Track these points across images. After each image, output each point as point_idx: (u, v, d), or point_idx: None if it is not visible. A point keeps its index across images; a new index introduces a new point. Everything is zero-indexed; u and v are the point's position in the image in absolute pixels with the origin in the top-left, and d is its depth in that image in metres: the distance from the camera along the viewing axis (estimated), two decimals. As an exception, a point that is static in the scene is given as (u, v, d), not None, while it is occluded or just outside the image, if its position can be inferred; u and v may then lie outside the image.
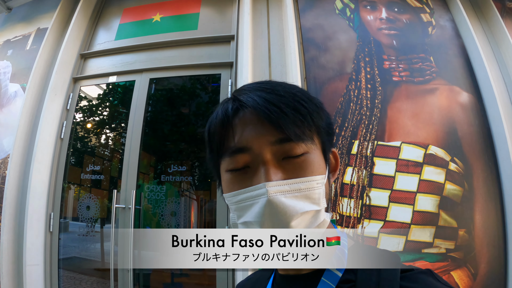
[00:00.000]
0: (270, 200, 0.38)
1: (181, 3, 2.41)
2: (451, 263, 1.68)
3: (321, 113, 0.45)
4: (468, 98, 1.96)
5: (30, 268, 2.04)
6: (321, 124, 0.44)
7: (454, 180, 1.79)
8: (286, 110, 0.40)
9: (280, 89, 0.43)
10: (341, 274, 0.43)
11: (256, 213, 0.39)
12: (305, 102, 0.42)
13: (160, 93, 2.32)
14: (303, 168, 0.41)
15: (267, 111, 0.40)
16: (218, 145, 0.44)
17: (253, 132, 0.41)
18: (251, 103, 0.41)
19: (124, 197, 2.03)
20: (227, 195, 0.44)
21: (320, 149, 0.44)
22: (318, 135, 0.44)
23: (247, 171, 0.42)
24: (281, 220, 0.38)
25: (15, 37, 2.81)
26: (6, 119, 2.49)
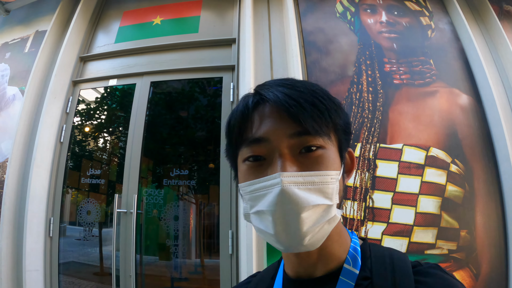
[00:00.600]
0: (283, 190, 0.39)
1: (181, 6, 2.39)
2: (454, 264, 1.69)
3: (339, 111, 0.46)
4: (467, 100, 1.98)
5: (29, 274, 2.01)
6: (339, 122, 0.45)
7: (455, 181, 1.80)
8: (305, 105, 0.41)
9: (300, 85, 0.45)
10: (358, 272, 0.44)
11: (269, 202, 0.40)
12: (324, 99, 0.44)
13: (158, 96, 2.31)
14: (318, 162, 0.42)
15: (286, 104, 0.41)
16: (237, 136, 0.45)
17: (272, 124, 0.42)
18: (271, 97, 0.43)
19: (125, 201, 2.01)
20: (242, 184, 0.45)
21: (336, 146, 0.45)
22: (335, 132, 0.45)
23: (263, 163, 0.43)
24: (293, 210, 0.39)
25: (13, 40, 2.78)
26: (4, 122, 2.46)
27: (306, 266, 0.46)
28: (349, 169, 0.51)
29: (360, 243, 0.49)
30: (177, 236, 2.05)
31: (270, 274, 0.54)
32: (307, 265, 0.46)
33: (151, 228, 2.13)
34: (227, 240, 1.79)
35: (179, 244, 2.04)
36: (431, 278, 0.41)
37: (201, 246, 2.09)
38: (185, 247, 2.07)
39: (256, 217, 0.43)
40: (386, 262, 0.44)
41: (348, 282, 0.43)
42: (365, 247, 0.48)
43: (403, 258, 0.45)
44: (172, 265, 2.08)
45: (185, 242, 2.07)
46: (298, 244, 0.41)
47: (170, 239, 2.05)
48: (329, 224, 0.42)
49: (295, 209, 0.39)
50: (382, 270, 0.43)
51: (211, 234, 2.08)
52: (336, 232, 0.46)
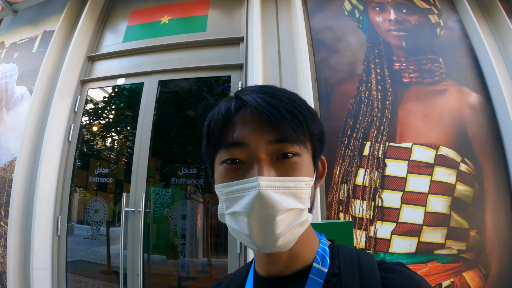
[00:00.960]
0: (260, 193, 0.40)
1: (189, 5, 2.40)
2: (463, 264, 1.68)
3: (315, 121, 0.48)
4: (477, 99, 1.96)
5: (37, 272, 2.02)
6: (315, 131, 0.47)
7: (465, 181, 1.79)
8: (285, 114, 0.43)
9: (281, 94, 0.46)
10: (327, 270, 0.46)
11: (245, 204, 0.41)
12: (302, 109, 0.45)
13: (166, 95, 2.32)
14: (294, 169, 0.44)
15: (267, 112, 0.43)
16: (217, 138, 0.46)
17: (252, 130, 0.44)
18: (253, 103, 0.44)
19: (133, 200, 2.01)
20: (219, 185, 0.46)
21: (310, 154, 0.47)
22: (310, 141, 0.47)
23: (241, 166, 0.44)
24: (269, 213, 0.40)
25: (21, 40, 2.80)
26: (12, 121, 2.48)
27: (276, 266, 0.48)
28: (320, 175, 0.53)
29: (328, 244, 0.51)
30: (185, 235, 2.05)
31: (241, 274, 0.56)
32: (277, 264, 0.48)
33: (159, 227, 2.13)
34: (235, 239, 1.79)
35: (186, 243, 2.04)
36: (396, 274, 0.44)
37: (208, 245, 2.09)
38: (192, 246, 2.07)
39: (231, 218, 0.44)
40: (354, 260, 0.47)
41: (317, 280, 0.45)
42: (333, 247, 0.51)
43: (369, 257, 0.48)
44: (179, 264, 2.08)
45: (192, 241, 2.07)
46: (271, 245, 0.42)
47: (178, 238, 2.05)
48: (301, 227, 0.44)
49: (270, 212, 0.40)
50: (349, 267, 0.46)
51: (218, 234, 2.08)
52: (305, 233, 0.47)
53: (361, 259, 0.47)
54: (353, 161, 1.79)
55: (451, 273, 1.67)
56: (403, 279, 0.43)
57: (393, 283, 0.42)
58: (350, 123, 1.83)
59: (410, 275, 0.43)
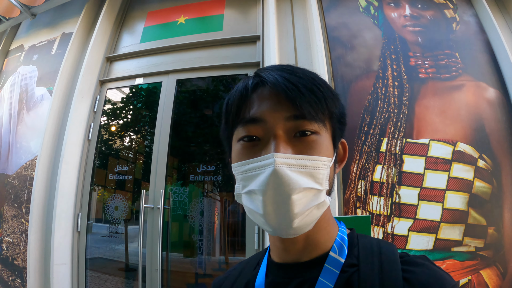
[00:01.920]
0: (276, 170, 0.38)
1: (205, 5, 2.42)
2: (481, 261, 1.66)
3: (335, 100, 0.46)
4: (495, 94, 1.93)
5: (57, 267, 2.08)
6: (334, 110, 0.46)
7: (483, 177, 1.77)
8: (303, 90, 0.42)
9: (300, 71, 0.45)
10: (343, 260, 0.44)
11: (260, 182, 0.40)
12: (321, 87, 0.44)
13: (183, 95, 2.35)
14: (312, 147, 0.42)
15: (285, 87, 0.42)
16: (234, 115, 0.45)
17: (269, 106, 0.43)
18: (271, 79, 0.43)
19: (152, 197, 2.05)
20: (236, 164, 0.44)
21: (330, 134, 0.46)
22: (330, 120, 0.46)
23: (257, 143, 0.43)
24: (284, 191, 0.39)
25: (40, 42, 2.88)
26: (33, 121, 2.55)
27: (292, 253, 0.46)
28: (341, 159, 0.51)
29: (347, 232, 0.49)
30: (202, 232, 2.07)
31: (256, 260, 0.55)
32: (293, 251, 0.46)
33: (177, 224, 2.16)
34: (253, 235, 1.81)
35: (203, 241, 2.07)
36: (419, 268, 0.41)
37: (225, 243, 2.11)
38: (210, 244, 2.09)
39: (247, 197, 0.43)
40: (374, 250, 0.44)
41: (333, 270, 0.43)
42: (353, 236, 0.48)
43: (391, 247, 0.45)
44: (196, 261, 2.11)
45: (210, 239, 2.10)
46: (286, 226, 0.40)
47: (195, 235, 2.08)
48: (318, 209, 0.42)
49: (286, 191, 0.39)
50: (369, 257, 0.43)
51: (235, 232, 2.09)
52: (324, 219, 0.46)
53: (382, 249, 0.44)
54: (370, 158, 1.79)
55: (469, 270, 1.65)
56: (426, 273, 0.40)
57: (415, 278, 0.40)
58: (367, 119, 1.83)
59: (434, 270, 0.41)
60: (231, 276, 0.56)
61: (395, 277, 0.40)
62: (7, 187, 2.53)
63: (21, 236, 2.32)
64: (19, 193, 2.43)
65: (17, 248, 2.31)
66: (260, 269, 0.51)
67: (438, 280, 0.39)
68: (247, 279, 0.51)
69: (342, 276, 0.42)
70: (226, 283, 0.55)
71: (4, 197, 2.53)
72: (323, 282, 0.42)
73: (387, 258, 0.43)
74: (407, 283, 0.39)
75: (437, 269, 0.41)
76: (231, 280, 0.55)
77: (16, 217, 2.39)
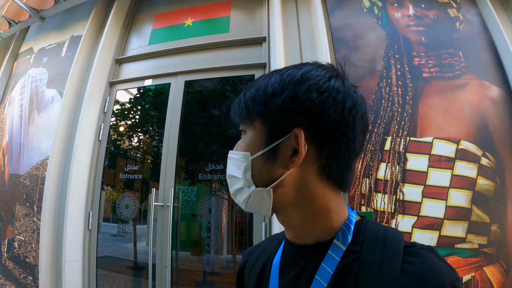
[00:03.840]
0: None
1: (211, 7, 2.46)
2: (484, 258, 1.67)
3: (263, 100, 0.48)
4: (498, 93, 1.95)
5: (69, 264, 2.12)
6: (258, 109, 0.49)
7: (486, 175, 1.78)
8: (235, 103, 0.54)
9: (255, 84, 0.52)
10: (345, 248, 0.46)
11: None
12: (249, 94, 0.51)
13: (190, 95, 2.39)
14: (242, 144, 0.52)
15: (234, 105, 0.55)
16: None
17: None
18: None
19: (162, 195, 2.09)
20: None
21: (261, 131, 0.48)
22: (262, 117, 0.48)
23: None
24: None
25: (50, 45, 2.93)
26: (44, 123, 2.60)
27: (294, 235, 0.52)
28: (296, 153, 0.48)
29: (357, 219, 0.50)
30: (210, 231, 2.11)
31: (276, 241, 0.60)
32: (294, 234, 0.52)
33: (186, 223, 2.19)
34: (261, 232, 1.85)
35: (211, 240, 2.10)
36: (420, 259, 0.41)
37: (233, 241, 2.15)
38: (217, 243, 2.12)
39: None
40: (379, 238, 0.45)
41: (334, 257, 0.45)
42: (361, 223, 0.49)
43: (397, 236, 0.46)
44: (204, 259, 2.14)
45: (218, 238, 2.13)
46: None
47: (203, 234, 2.11)
48: (242, 194, 0.50)
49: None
50: (373, 245, 0.44)
51: (243, 231, 2.13)
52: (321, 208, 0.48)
53: (387, 238, 0.45)
54: (375, 156, 1.82)
55: (472, 267, 1.66)
56: (426, 265, 0.40)
57: (413, 269, 0.40)
58: (371, 118, 1.86)
59: (434, 262, 0.40)
60: (260, 248, 0.63)
61: (394, 267, 0.40)
62: (18, 187, 2.59)
63: (33, 234, 2.37)
64: (30, 193, 2.48)
65: (29, 246, 2.36)
66: (280, 247, 0.56)
67: (435, 274, 0.39)
68: (269, 254, 0.58)
69: (343, 261, 0.44)
70: (255, 253, 0.62)
71: (16, 197, 2.58)
72: (324, 268, 0.45)
73: (390, 247, 0.43)
74: (404, 273, 0.40)
75: (438, 261, 0.41)
76: (259, 252, 0.62)
77: (28, 216, 2.44)
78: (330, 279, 0.44)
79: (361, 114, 0.49)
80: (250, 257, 0.63)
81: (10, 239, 2.53)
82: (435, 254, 0.43)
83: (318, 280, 0.45)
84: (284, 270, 0.51)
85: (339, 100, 0.46)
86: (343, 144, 0.46)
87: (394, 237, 0.45)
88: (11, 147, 2.78)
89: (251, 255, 0.63)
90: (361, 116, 0.49)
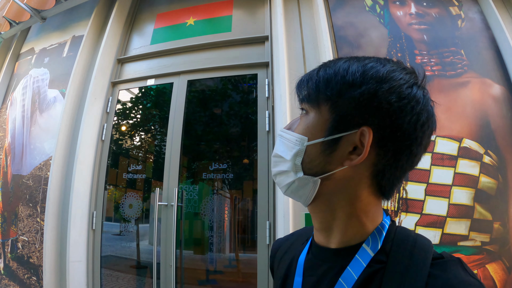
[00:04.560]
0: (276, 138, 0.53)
1: (213, 6, 2.45)
2: (486, 256, 1.68)
3: (332, 84, 0.46)
4: (500, 91, 1.95)
5: (73, 264, 2.12)
6: (331, 93, 0.45)
7: (489, 173, 1.79)
8: (304, 78, 0.51)
9: (332, 66, 0.49)
10: (373, 254, 0.44)
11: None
12: (325, 75, 0.47)
13: (192, 94, 2.39)
14: (299, 123, 0.50)
15: (300, 79, 0.52)
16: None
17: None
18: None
19: (166, 195, 2.10)
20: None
21: (326, 117, 0.46)
22: (328, 101, 0.46)
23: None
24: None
25: (51, 45, 2.93)
26: (46, 123, 2.60)
27: (321, 237, 0.50)
28: (357, 151, 0.46)
29: (389, 224, 0.48)
30: (213, 230, 2.11)
31: (303, 238, 0.60)
32: (322, 235, 0.50)
33: (188, 222, 2.20)
34: (265, 230, 1.86)
35: (214, 238, 2.11)
36: (447, 273, 0.39)
37: (236, 240, 2.15)
38: (220, 242, 2.13)
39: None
40: (407, 249, 0.43)
41: (361, 261, 0.44)
42: (392, 230, 0.47)
43: (426, 247, 0.43)
44: (207, 258, 2.15)
45: (220, 237, 2.13)
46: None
47: (206, 232, 2.12)
48: (286, 177, 0.49)
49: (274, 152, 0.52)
50: (399, 256, 0.42)
51: (245, 229, 2.14)
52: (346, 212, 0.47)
53: (415, 248, 0.43)
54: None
55: (475, 265, 1.67)
56: (453, 281, 0.38)
57: (439, 284, 0.38)
58: (374, 117, 1.86)
59: (461, 278, 0.38)
60: (288, 242, 0.62)
61: (419, 281, 0.39)
62: (21, 187, 2.59)
63: (36, 234, 2.37)
64: (33, 193, 2.48)
65: (33, 246, 2.37)
66: (306, 245, 0.55)
67: None
68: (295, 251, 0.57)
69: (367, 270, 0.43)
70: (283, 247, 0.63)
71: (19, 197, 2.58)
72: (349, 272, 0.44)
73: (417, 258, 0.41)
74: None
75: (466, 277, 0.38)
76: (286, 246, 0.62)
77: (31, 217, 2.44)
78: (353, 285, 0.43)
79: (431, 131, 0.46)
80: (278, 251, 0.63)
81: (14, 240, 2.53)
82: (464, 268, 0.40)
83: (342, 284, 0.44)
84: (308, 271, 0.51)
85: (416, 111, 0.43)
86: (405, 156, 0.44)
87: (423, 248, 0.43)
88: (13, 148, 2.78)
89: (279, 248, 0.63)
90: (430, 132, 0.46)
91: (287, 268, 0.55)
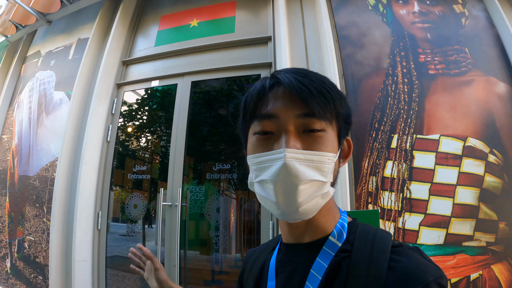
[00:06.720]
0: (286, 164, 0.44)
1: (216, 7, 2.47)
2: (492, 256, 1.66)
3: (343, 102, 0.51)
4: (505, 89, 1.93)
5: (78, 264, 2.15)
6: (341, 111, 0.50)
7: (494, 172, 1.77)
8: (314, 92, 0.47)
9: (312, 75, 0.50)
10: (340, 244, 0.48)
11: (272, 173, 0.45)
12: (331, 90, 0.49)
13: (197, 95, 2.41)
14: (319, 143, 0.47)
15: (298, 88, 0.47)
16: (252, 111, 0.51)
17: (283, 104, 0.48)
18: (286, 81, 0.48)
19: (170, 195, 2.11)
20: (251, 156, 0.50)
21: (335, 132, 0.50)
22: (336, 120, 0.50)
23: (271, 137, 0.48)
24: (292, 182, 0.44)
25: (57, 48, 2.97)
26: (52, 124, 2.64)
27: (295, 236, 0.52)
28: (345, 155, 0.56)
29: (348, 221, 0.53)
30: (218, 230, 2.12)
31: (274, 243, 0.62)
32: (296, 233, 0.52)
33: (194, 222, 2.21)
34: (268, 231, 1.87)
35: (219, 239, 2.12)
36: (406, 257, 0.43)
37: (241, 240, 2.16)
38: (226, 242, 2.14)
39: (259, 186, 0.48)
40: (368, 238, 0.47)
41: (329, 252, 0.48)
42: (353, 224, 0.52)
43: (385, 235, 0.48)
44: (213, 258, 2.16)
45: (226, 237, 2.14)
46: (293, 212, 0.46)
47: (212, 233, 2.13)
48: (322, 199, 0.48)
49: (294, 181, 0.44)
50: (362, 245, 0.46)
51: (251, 229, 2.14)
52: (326, 208, 0.50)
53: (376, 238, 0.47)
54: (381, 154, 1.83)
55: (480, 265, 1.65)
56: (411, 263, 0.42)
57: (400, 266, 0.42)
58: (377, 116, 1.86)
59: (420, 261, 0.42)
60: (259, 249, 0.66)
61: (381, 264, 0.42)
62: (28, 188, 2.63)
63: (42, 234, 2.40)
64: (40, 194, 2.52)
65: (39, 246, 2.40)
66: (275, 249, 0.58)
67: (421, 271, 0.40)
68: (266, 256, 0.60)
69: (335, 259, 0.47)
70: (254, 255, 0.65)
71: (26, 198, 2.62)
72: (319, 262, 0.47)
73: (379, 246, 0.45)
74: (391, 271, 0.41)
75: (424, 260, 0.43)
76: (258, 253, 0.65)
77: (38, 217, 2.48)
78: (323, 274, 0.46)
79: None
80: (249, 259, 0.65)
81: (20, 240, 2.57)
82: (421, 254, 0.45)
83: (314, 274, 0.47)
84: (280, 268, 0.53)
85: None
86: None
87: (383, 237, 0.48)
88: (20, 149, 2.82)
89: (250, 257, 0.66)
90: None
91: (258, 274, 0.58)
